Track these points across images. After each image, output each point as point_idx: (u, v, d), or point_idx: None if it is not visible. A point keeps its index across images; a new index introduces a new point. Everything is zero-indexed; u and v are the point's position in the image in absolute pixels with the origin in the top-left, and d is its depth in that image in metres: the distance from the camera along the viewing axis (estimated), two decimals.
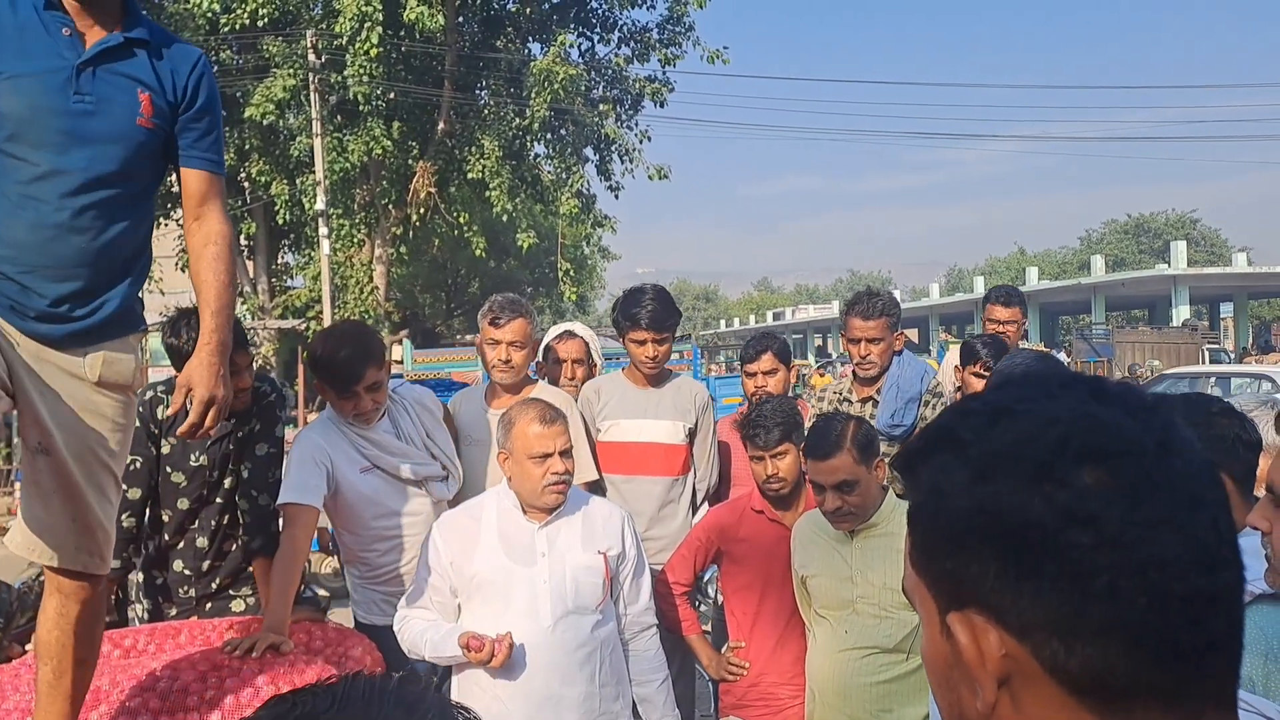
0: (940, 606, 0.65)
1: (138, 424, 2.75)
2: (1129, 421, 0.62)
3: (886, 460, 2.66)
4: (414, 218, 17.71)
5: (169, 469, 2.84)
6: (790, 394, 3.63)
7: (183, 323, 2.71)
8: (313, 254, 18.87)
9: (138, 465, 2.79)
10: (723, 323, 72.22)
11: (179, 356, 2.69)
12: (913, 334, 51.50)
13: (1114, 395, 0.64)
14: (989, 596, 0.61)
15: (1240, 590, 0.61)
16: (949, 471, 0.64)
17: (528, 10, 17.59)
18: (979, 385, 3.47)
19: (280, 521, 2.75)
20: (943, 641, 0.65)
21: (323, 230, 17.09)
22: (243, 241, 20.46)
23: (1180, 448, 0.61)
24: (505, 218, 17.29)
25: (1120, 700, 0.59)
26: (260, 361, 18.55)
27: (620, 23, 18.50)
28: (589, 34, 18.58)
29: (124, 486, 2.72)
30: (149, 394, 2.84)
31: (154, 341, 5.46)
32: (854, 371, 3.50)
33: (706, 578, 4.11)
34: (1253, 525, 1.24)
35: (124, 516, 2.70)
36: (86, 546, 1.85)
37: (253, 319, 19.42)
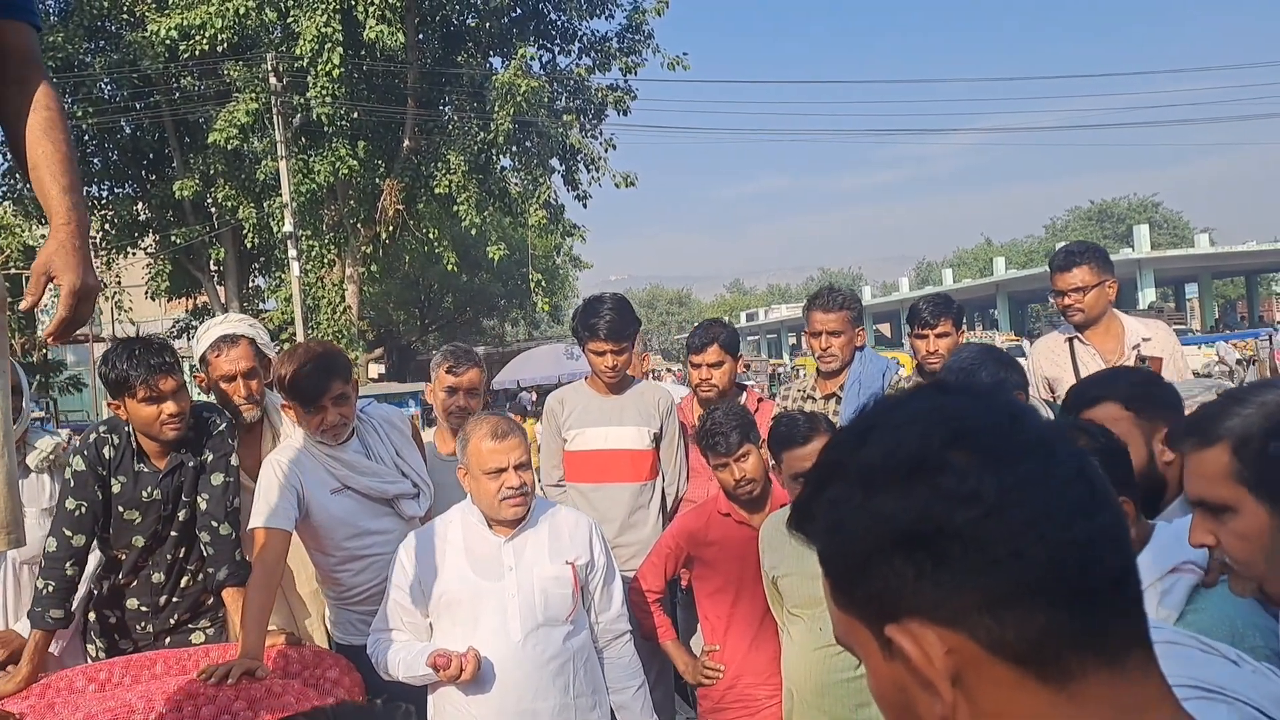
0: (875, 631, 0.67)
1: (83, 466, 2.65)
2: (977, 404, 0.68)
3: None
4: (383, 235, 17.68)
5: (120, 507, 2.71)
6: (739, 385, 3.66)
7: (120, 353, 2.60)
8: (283, 276, 18.76)
9: (83, 510, 2.64)
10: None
11: (117, 389, 2.60)
12: (885, 329, 51.92)
13: (958, 387, 0.71)
14: (915, 600, 0.64)
15: (1124, 528, 0.66)
16: (840, 500, 0.68)
17: (488, 25, 17.61)
18: (920, 347, 3.44)
19: (249, 549, 2.74)
20: (889, 665, 0.67)
21: (292, 252, 17.03)
22: (212, 267, 20.31)
23: (1028, 415, 0.68)
24: (474, 231, 17.32)
25: (1058, 662, 0.62)
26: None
27: (580, 33, 18.58)
28: (549, 46, 18.66)
29: (68, 533, 2.62)
30: (93, 435, 2.72)
31: None
32: (818, 366, 3.58)
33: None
34: (1197, 544, 1.25)
35: (68, 565, 2.60)
36: None
37: None
